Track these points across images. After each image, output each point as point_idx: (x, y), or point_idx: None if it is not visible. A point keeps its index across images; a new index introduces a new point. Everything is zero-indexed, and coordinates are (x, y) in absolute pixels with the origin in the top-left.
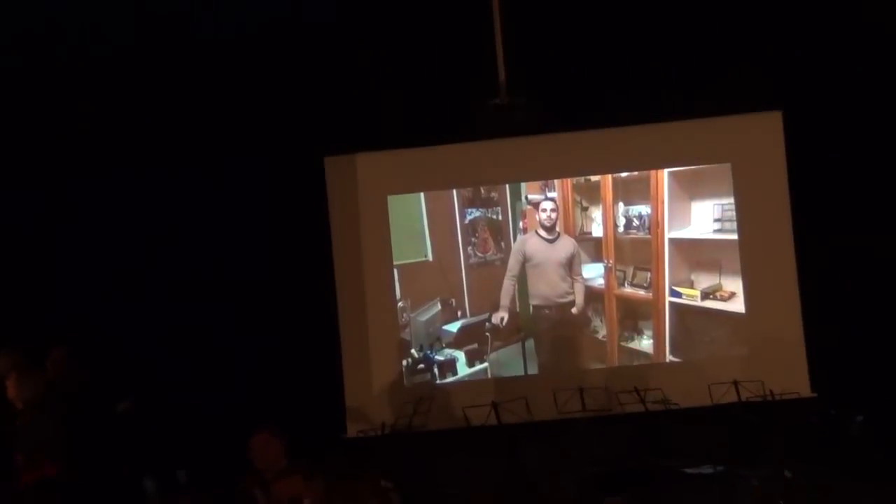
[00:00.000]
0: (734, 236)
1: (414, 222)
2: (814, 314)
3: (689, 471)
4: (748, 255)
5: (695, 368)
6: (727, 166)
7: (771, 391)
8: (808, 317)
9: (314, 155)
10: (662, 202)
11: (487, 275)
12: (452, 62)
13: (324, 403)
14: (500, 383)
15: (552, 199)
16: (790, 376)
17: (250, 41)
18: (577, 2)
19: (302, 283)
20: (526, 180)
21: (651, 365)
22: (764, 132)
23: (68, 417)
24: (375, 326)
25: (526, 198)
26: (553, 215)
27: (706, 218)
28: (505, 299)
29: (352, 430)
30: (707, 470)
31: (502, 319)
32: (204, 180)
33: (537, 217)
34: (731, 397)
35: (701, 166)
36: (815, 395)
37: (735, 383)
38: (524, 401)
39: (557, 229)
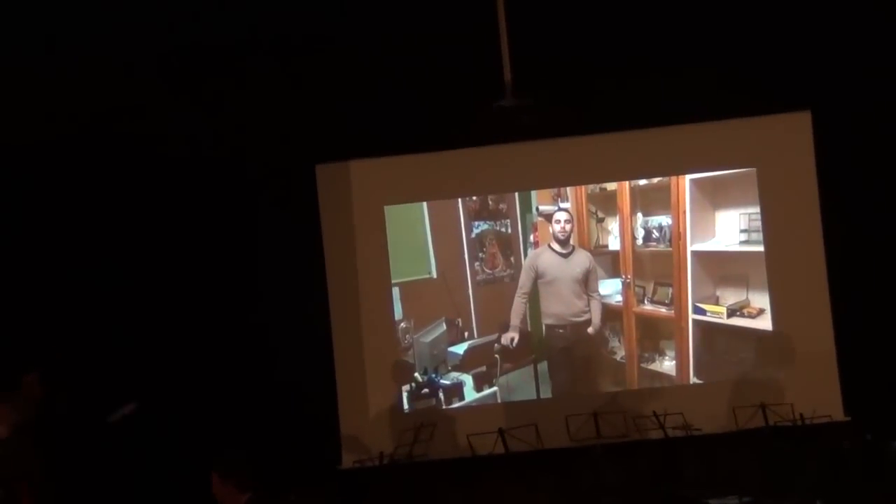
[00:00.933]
0: (762, 248)
1: (416, 237)
2: (847, 331)
3: (713, 502)
4: (775, 267)
5: (718, 391)
6: (752, 172)
7: (801, 415)
8: (841, 334)
9: (305, 162)
10: (684, 212)
11: (496, 292)
12: (454, 61)
13: (318, 432)
14: (509, 408)
15: (566, 210)
16: (822, 398)
17: (239, 43)
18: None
19: (293, 302)
20: (535, 188)
21: (671, 387)
22: (792, 134)
23: (46, 446)
24: (372, 348)
25: (537, 209)
26: (567, 227)
27: (732, 229)
28: (515, 318)
29: (347, 461)
30: (733, 501)
31: (512, 340)
32: (189, 190)
33: (550, 229)
34: (759, 422)
35: (725, 172)
36: (848, 418)
37: (762, 406)
38: (534, 427)
39: (572, 242)
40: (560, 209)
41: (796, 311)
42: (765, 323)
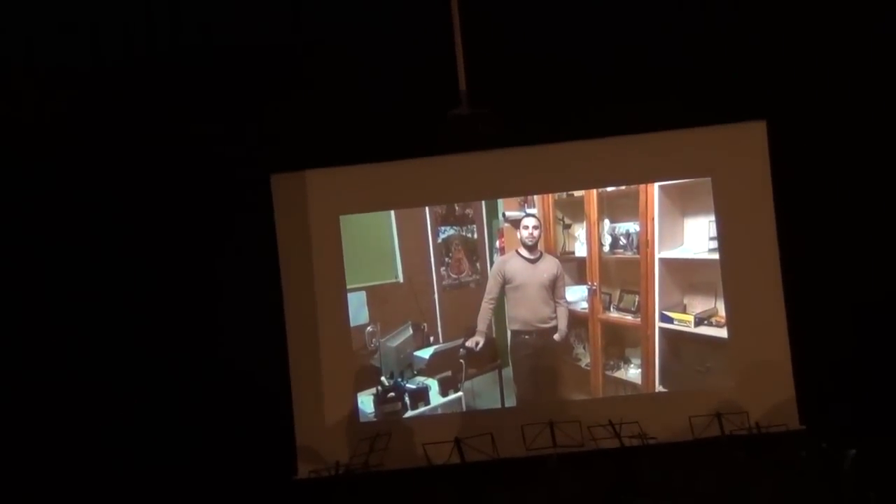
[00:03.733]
0: None
1: (383, 241)
2: (802, 340)
3: None
4: (730, 276)
5: (674, 400)
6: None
7: (757, 424)
8: (796, 342)
9: (260, 171)
10: (652, 219)
11: (462, 297)
12: (409, 70)
13: (272, 441)
14: (466, 417)
15: (534, 216)
16: (778, 407)
17: (197, 52)
18: (544, 6)
19: (248, 311)
20: (493, 198)
21: (627, 396)
22: (746, 144)
23: None
24: (328, 357)
25: (503, 215)
26: (536, 233)
27: (701, 236)
28: (482, 324)
29: (303, 471)
30: None
31: (477, 344)
32: (140, 198)
33: (518, 235)
34: (715, 431)
35: (690, 180)
36: (804, 427)
37: (718, 415)
38: (490, 437)
39: (539, 248)
40: (528, 215)
41: (752, 320)
42: None
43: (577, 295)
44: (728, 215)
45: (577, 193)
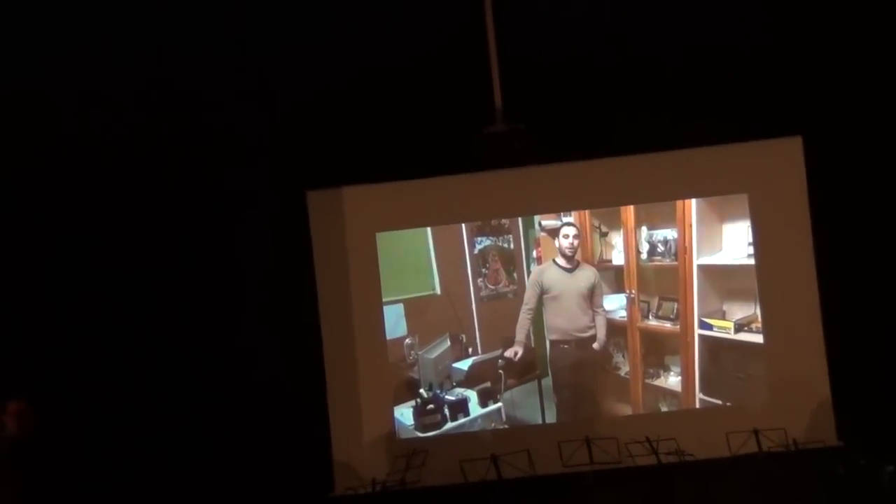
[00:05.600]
0: None
1: (420, 253)
2: (840, 354)
3: None
4: (767, 293)
5: (711, 416)
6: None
7: (794, 440)
8: (834, 357)
9: (296, 188)
10: (690, 225)
11: (499, 308)
12: (444, 88)
13: (309, 458)
14: (504, 434)
15: (573, 224)
16: (815, 423)
17: (232, 68)
18: (579, 23)
19: (284, 328)
20: (527, 215)
21: (664, 413)
22: (783, 159)
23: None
24: (365, 373)
25: (539, 224)
26: (575, 242)
27: (740, 242)
28: (520, 334)
29: (340, 488)
30: None
31: (516, 354)
32: (181, 214)
33: (557, 244)
34: (752, 447)
35: None
36: (841, 443)
37: (755, 432)
38: (526, 453)
39: (577, 258)
40: (566, 224)
41: (788, 334)
42: None
43: (615, 303)
44: (765, 231)
45: None
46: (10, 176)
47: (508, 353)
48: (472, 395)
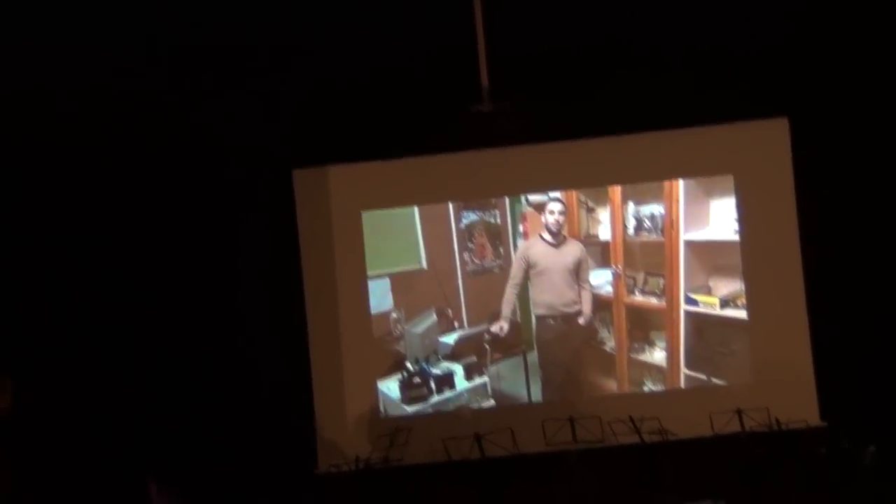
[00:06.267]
0: None
1: (406, 228)
2: (823, 336)
3: None
4: (752, 274)
5: (694, 396)
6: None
7: (777, 420)
8: (817, 339)
9: (282, 166)
10: (677, 201)
11: (485, 283)
12: (431, 66)
13: (293, 436)
14: (487, 413)
15: (559, 200)
16: (798, 404)
17: (217, 48)
18: (566, 2)
19: (269, 307)
20: (513, 194)
21: (647, 393)
22: (769, 140)
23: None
24: (350, 351)
25: (526, 199)
26: (561, 218)
27: (727, 217)
28: (506, 309)
29: (323, 465)
30: None
31: (502, 328)
32: (166, 193)
33: (543, 220)
34: (735, 427)
35: None
36: (824, 423)
37: (738, 412)
38: (510, 432)
39: (563, 233)
40: (553, 199)
41: (773, 317)
42: None
43: (601, 279)
44: (750, 211)
45: None
46: None
47: (494, 328)
48: (458, 369)
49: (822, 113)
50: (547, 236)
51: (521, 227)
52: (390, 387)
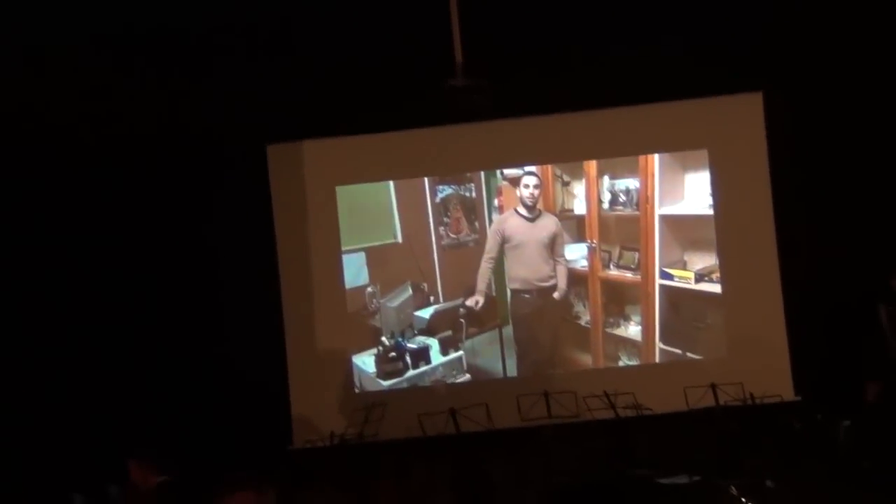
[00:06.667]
0: None
1: (381, 202)
2: (797, 311)
3: (663, 481)
4: (727, 249)
5: (669, 371)
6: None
7: (751, 394)
8: (792, 314)
9: (256, 142)
10: (653, 175)
11: (461, 257)
12: (404, 42)
13: (269, 412)
14: (462, 388)
15: (534, 174)
16: (772, 378)
17: (192, 25)
18: None
19: (243, 283)
20: (488, 169)
21: (622, 367)
22: (743, 115)
23: None
24: (324, 327)
25: (501, 173)
26: (536, 192)
27: (702, 192)
28: (481, 283)
29: (298, 441)
30: (683, 480)
31: (477, 303)
32: (135, 171)
33: (518, 194)
34: (709, 401)
35: None
36: (798, 398)
37: (713, 386)
38: (485, 407)
39: (538, 207)
40: (528, 173)
41: (747, 292)
42: None
43: (576, 253)
44: (724, 186)
45: None
46: None
47: (469, 303)
48: (433, 344)
49: (796, 87)
50: (522, 210)
51: (496, 201)
52: (366, 361)
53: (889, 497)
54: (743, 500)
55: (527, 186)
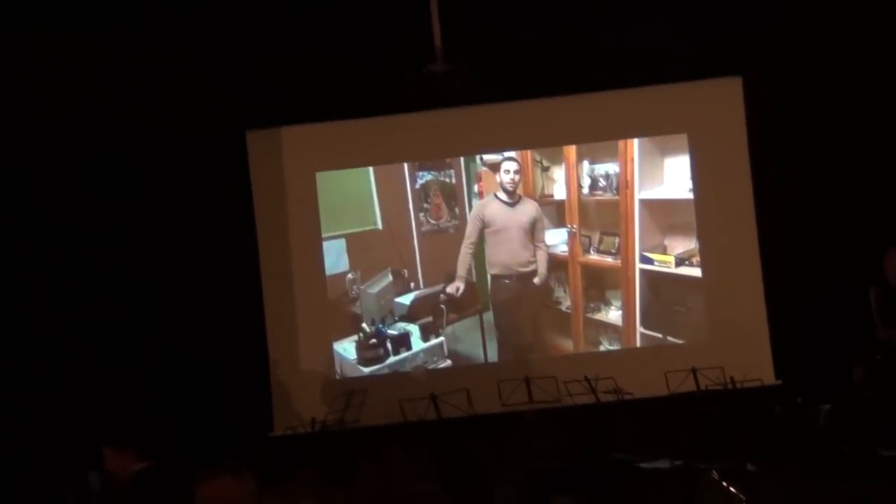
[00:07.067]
0: None
1: (361, 188)
2: (778, 295)
3: (644, 465)
4: (707, 234)
5: (650, 355)
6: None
7: (732, 378)
8: (772, 297)
9: (235, 128)
10: (632, 159)
11: (441, 243)
12: (383, 27)
13: (250, 398)
14: (443, 373)
15: (514, 160)
16: (753, 362)
17: (169, 11)
18: None
19: (224, 270)
20: (468, 154)
21: (603, 352)
22: (723, 99)
23: None
24: (305, 314)
25: (481, 158)
26: (516, 178)
27: (681, 176)
28: (462, 269)
29: (279, 427)
30: (664, 464)
31: (458, 289)
32: (115, 158)
33: (498, 179)
34: (690, 386)
35: None
36: (779, 382)
37: (693, 371)
38: (466, 392)
39: (518, 192)
40: (507, 158)
41: (727, 276)
42: None
43: (556, 238)
44: (704, 171)
45: None
46: None
47: (450, 289)
48: (414, 330)
49: (777, 71)
50: (502, 195)
51: (476, 187)
52: (346, 348)
53: (869, 479)
54: (724, 484)
55: (507, 172)
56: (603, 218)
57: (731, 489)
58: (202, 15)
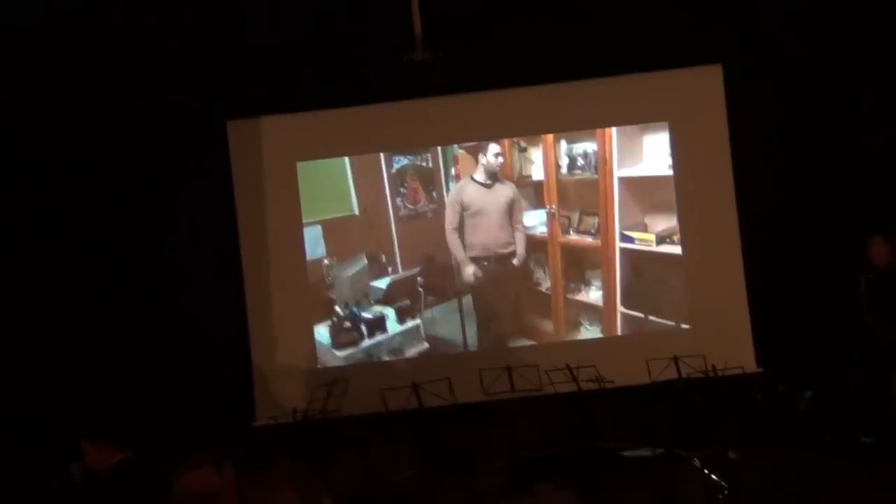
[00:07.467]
0: None
1: (338, 174)
2: (758, 282)
3: (626, 453)
4: (688, 224)
5: (631, 343)
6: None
7: (714, 367)
8: (753, 285)
9: (215, 118)
10: (610, 137)
11: (419, 227)
12: (362, 15)
13: (231, 389)
14: (425, 362)
15: (496, 142)
16: (734, 350)
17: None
18: None
19: (204, 259)
20: (447, 143)
21: (584, 341)
22: (703, 87)
23: None
24: (286, 301)
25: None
26: (501, 160)
27: (660, 153)
28: (459, 253)
29: (261, 418)
30: (646, 452)
31: (474, 273)
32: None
33: (483, 162)
34: (671, 374)
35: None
36: (760, 370)
37: (675, 359)
38: (447, 381)
39: (498, 174)
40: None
41: (708, 263)
42: None
43: (535, 219)
44: (685, 159)
45: None
46: None
47: (468, 278)
48: (390, 313)
49: (756, 59)
50: (479, 177)
51: (452, 171)
52: (321, 332)
53: (851, 465)
54: (706, 471)
55: (496, 155)
56: (582, 197)
57: (713, 477)
58: (182, 6)
